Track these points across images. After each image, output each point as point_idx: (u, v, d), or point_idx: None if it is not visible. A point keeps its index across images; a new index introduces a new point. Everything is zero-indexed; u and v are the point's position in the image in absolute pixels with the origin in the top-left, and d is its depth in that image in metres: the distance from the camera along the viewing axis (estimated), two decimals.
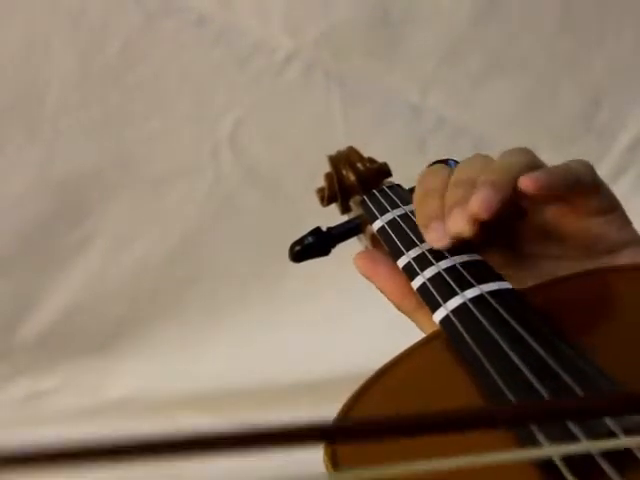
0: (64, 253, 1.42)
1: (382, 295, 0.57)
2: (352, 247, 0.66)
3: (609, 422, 0.35)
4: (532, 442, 0.36)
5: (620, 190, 0.53)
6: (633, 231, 0.53)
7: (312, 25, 1.37)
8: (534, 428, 0.36)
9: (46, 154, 1.39)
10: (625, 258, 0.51)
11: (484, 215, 0.46)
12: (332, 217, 0.70)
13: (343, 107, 1.39)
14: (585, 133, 1.39)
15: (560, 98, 1.39)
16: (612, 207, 0.52)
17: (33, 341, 1.44)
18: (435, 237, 0.49)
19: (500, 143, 0.56)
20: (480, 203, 0.46)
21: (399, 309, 0.55)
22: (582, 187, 0.50)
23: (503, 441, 0.36)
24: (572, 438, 0.35)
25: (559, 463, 0.34)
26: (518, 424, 0.36)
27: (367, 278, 0.57)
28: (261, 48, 1.37)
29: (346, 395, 0.44)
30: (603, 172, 0.52)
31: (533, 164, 0.50)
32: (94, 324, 1.45)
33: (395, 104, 1.38)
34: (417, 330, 0.47)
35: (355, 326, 1.37)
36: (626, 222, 0.52)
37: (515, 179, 0.47)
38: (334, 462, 0.40)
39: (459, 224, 0.47)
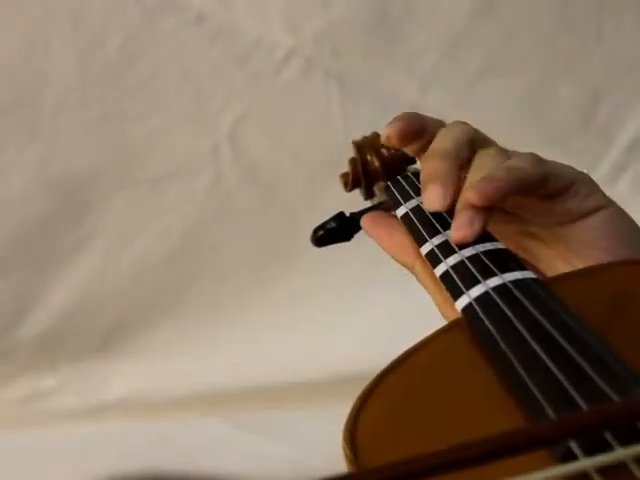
0: (64, 253, 1.42)
1: (381, 296, 0.58)
2: (353, 248, 0.66)
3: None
4: (568, 455, 0.35)
5: (619, 189, 0.54)
6: (600, 197, 0.54)
7: (311, 23, 1.37)
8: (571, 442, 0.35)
9: (45, 153, 1.39)
10: (595, 221, 0.53)
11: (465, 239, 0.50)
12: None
13: (342, 105, 1.39)
14: (584, 132, 1.39)
15: (559, 96, 1.39)
16: (567, 185, 0.53)
17: (33, 341, 1.44)
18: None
19: (499, 141, 0.56)
20: (457, 228, 0.50)
21: (399, 262, 0.58)
22: (529, 185, 0.51)
23: (535, 456, 0.35)
24: (607, 446, 0.35)
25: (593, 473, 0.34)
26: (559, 441, 0.35)
27: (369, 235, 0.60)
28: (260, 46, 1.37)
29: (346, 395, 0.44)
30: (602, 171, 0.53)
31: (475, 139, 0.54)
32: (94, 324, 1.45)
33: (394, 102, 1.38)
34: (418, 329, 0.47)
35: (355, 326, 1.37)
36: (591, 189, 0.54)
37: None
38: None
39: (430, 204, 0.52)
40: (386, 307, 1.28)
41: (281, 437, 1.30)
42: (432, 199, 0.51)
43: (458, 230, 0.49)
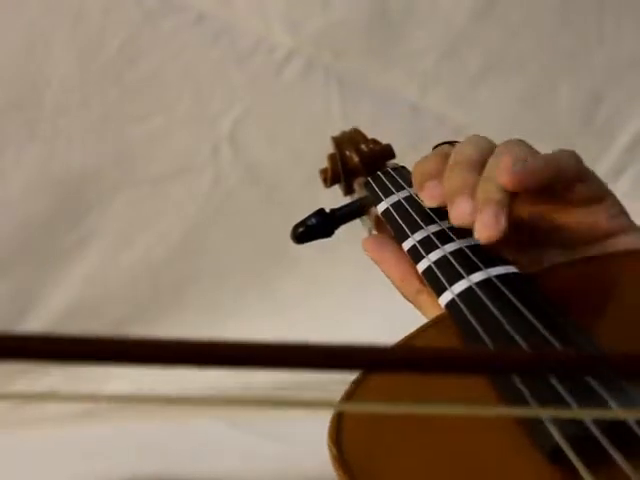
0: (64, 253, 1.42)
1: (380, 296, 0.57)
2: (352, 249, 0.66)
3: (606, 394, 0.36)
4: (520, 400, 0.36)
5: (619, 189, 0.54)
6: (627, 219, 0.53)
7: (311, 23, 1.37)
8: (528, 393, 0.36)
9: (45, 153, 1.39)
10: (620, 245, 0.52)
11: (492, 238, 0.47)
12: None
13: (342, 105, 1.38)
14: (584, 131, 1.39)
15: (559, 97, 1.39)
16: (600, 196, 0.52)
17: None
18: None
19: (499, 141, 0.56)
20: (485, 228, 0.47)
21: (402, 294, 0.56)
22: (564, 177, 0.50)
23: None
24: (566, 404, 0.36)
25: (560, 440, 0.35)
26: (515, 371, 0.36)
27: (373, 261, 0.57)
28: (260, 46, 1.37)
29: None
30: (602, 171, 0.53)
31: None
32: (94, 324, 1.45)
33: (394, 102, 1.38)
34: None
35: (354, 326, 1.37)
36: (619, 210, 0.52)
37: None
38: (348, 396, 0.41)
39: (459, 219, 0.48)
40: (384, 309, 1.28)
41: (280, 438, 1.29)
42: (461, 215, 0.48)
43: (484, 230, 0.46)
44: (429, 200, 0.51)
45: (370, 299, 1.32)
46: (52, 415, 1.41)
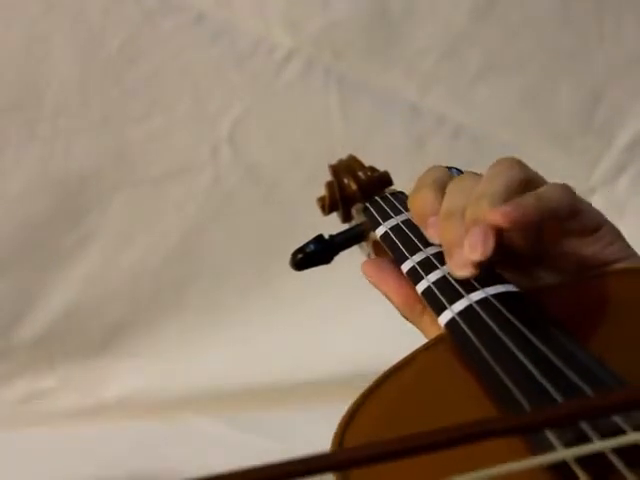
0: (63, 253, 1.42)
1: (382, 296, 0.57)
2: (353, 250, 0.66)
3: (618, 419, 0.35)
4: (545, 446, 0.35)
5: (619, 188, 0.54)
6: (623, 247, 0.52)
7: (311, 23, 1.37)
8: (548, 432, 0.36)
9: (46, 153, 1.39)
10: None
11: (481, 257, 0.46)
12: (331, 218, 0.70)
13: (342, 105, 1.39)
14: (584, 131, 1.39)
15: (559, 96, 1.39)
16: (595, 227, 0.51)
17: (33, 341, 1.44)
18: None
19: (499, 141, 0.56)
20: (473, 248, 0.45)
21: (404, 316, 0.55)
22: (556, 216, 0.49)
23: (512, 446, 0.36)
24: (585, 438, 0.35)
25: (572, 464, 0.34)
26: (534, 430, 0.35)
27: (373, 285, 0.57)
28: (260, 46, 1.37)
29: (346, 395, 0.43)
30: (602, 170, 0.53)
31: (525, 179, 0.49)
32: (94, 324, 1.45)
33: (394, 102, 1.38)
34: (417, 330, 0.47)
35: (355, 326, 1.37)
36: (614, 238, 0.52)
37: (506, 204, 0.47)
38: None
39: (460, 267, 0.47)
40: (386, 307, 1.27)
41: (281, 437, 1.29)
42: (461, 267, 0.47)
43: (474, 251, 0.45)
44: (436, 239, 0.50)
45: (372, 299, 1.32)
46: (51, 414, 1.42)
